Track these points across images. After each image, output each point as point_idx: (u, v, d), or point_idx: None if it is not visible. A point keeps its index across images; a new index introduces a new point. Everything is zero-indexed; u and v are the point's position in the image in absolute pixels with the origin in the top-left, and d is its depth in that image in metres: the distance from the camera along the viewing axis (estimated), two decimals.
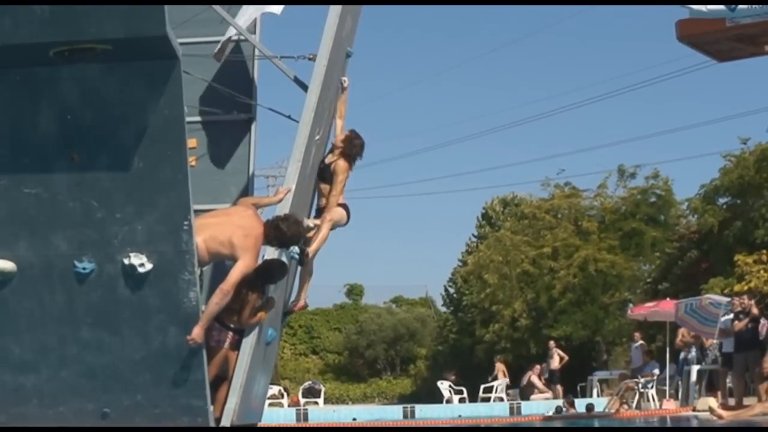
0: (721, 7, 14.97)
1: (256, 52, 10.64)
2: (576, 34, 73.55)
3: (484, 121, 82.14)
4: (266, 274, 8.90)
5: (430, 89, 78.52)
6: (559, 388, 29.55)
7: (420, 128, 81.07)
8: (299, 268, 9.83)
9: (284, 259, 9.15)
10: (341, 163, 9.85)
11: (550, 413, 23.36)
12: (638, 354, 26.11)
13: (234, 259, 8.38)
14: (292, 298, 10.16)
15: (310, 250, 9.61)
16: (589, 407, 23.41)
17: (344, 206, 9.89)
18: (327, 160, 9.96)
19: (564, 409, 24.00)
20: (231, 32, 10.31)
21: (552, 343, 31.17)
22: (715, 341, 21.71)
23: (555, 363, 30.18)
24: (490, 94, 77.98)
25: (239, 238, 8.34)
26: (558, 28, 73.98)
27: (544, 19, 72.19)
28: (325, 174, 9.92)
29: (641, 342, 26.40)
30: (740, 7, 14.84)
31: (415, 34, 79.71)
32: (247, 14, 10.33)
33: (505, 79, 77.57)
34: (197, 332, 8.07)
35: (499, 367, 32.20)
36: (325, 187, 9.89)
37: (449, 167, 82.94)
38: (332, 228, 9.83)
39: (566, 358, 30.36)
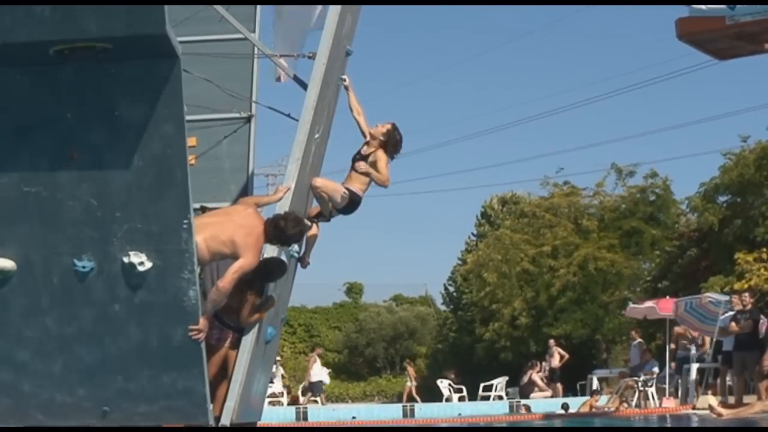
0: (721, 5, 14.98)
1: (256, 51, 10.65)
2: (575, 33, 73.57)
3: (482, 120, 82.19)
4: (265, 273, 8.90)
5: (429, 88, 78.59)
6: (559, 386, 29.59)
7: (418, 127, 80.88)
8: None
9: (284, 257, 9.15)
10: (380, 154, 9.68)
11: (560, 411, 23.38)
12: (636, 352, 26.12)
13: (236, 258, 8.38)
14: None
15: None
16: (565, 406, 23.60)
17: (351, 193, 9.66)
18: (363, 152, 9.76)
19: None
20: None
21: (552, 341, 31.20)
22: (713, 338, 21.74)
23: (555, 361, 30.24)
24: (488, 92, 78.10)
25: (241, 237, 8.34)
26: (557, 26, 74.00)
27: (542, 18, 72.25)
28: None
29: (639, 340, 26.40)
30: (740, 5, 14.85)
31: (413, 33, 79.80)
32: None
33: (504, 78, 77.69)
34: (203, 323, 8.12)
35: (409, 371, 34.85)
36: (355, 176, 9.76)
37: (448, 166, 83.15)
38: (335, 206, 9.72)
39: (566, 356, 30.40)
